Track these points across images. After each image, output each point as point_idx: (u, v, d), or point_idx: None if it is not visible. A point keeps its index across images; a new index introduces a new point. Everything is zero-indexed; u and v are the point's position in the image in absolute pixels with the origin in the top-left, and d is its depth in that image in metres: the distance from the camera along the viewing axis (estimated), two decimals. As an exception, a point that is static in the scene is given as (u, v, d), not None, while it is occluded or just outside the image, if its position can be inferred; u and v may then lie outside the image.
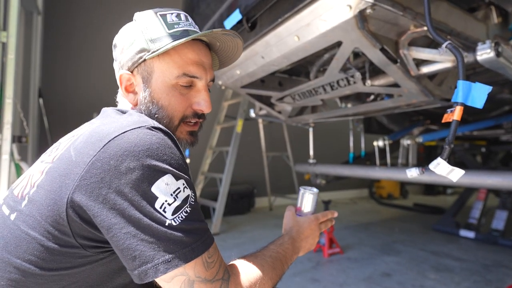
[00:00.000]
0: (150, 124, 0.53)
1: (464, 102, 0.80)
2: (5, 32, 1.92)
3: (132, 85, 0.65)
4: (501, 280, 1.97)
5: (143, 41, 0.61)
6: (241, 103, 3.55)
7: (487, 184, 1.70)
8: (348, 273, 2.12)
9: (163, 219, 0.48)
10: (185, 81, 0.62)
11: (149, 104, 0.63)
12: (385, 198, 5.38)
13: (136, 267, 0.47)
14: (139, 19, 0.64)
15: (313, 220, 0.76)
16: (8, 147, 1.88)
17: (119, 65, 0.66)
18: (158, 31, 0.61)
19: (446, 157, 0.81)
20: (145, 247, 0.47)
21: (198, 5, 1.79)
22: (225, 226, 3.42)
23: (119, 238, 0.47)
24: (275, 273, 0.59)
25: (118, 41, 0.66)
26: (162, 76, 0.62)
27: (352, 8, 1.01)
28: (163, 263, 0.46)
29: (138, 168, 0.48)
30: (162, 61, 0.61)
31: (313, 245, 0.76)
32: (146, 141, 0.50)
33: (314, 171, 2.74)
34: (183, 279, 0.48)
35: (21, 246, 0.51)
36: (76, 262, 0.52)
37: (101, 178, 0.48)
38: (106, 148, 0.49)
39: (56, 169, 0.52)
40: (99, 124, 0.55)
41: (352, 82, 1.54)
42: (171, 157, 0.51)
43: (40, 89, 3.03)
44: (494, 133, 2.72)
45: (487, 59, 1.02)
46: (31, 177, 0.57)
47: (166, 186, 0.49)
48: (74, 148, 0.53)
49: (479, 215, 3.01)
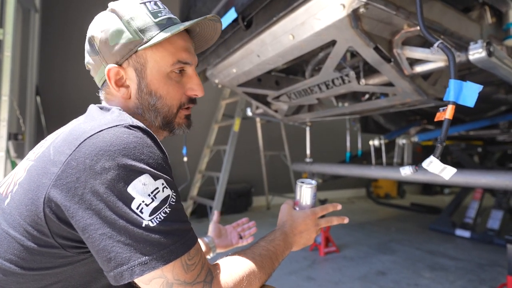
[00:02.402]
0: (128, 122, 0.52)
1: (455, 101, 0.81)
2: (2, 29, 1.92)
3: (121, 78, 0.62)
4: (495, 279, 1.99)
5: (132, 31, 0.58)
6: (239, 102, 3.56)
7: (482, 183, 1.71)
8: (344, 271, 2.12)
9: (140, 220, 0.46)
10: (178, 68, 0.62)
11: (146, 96, 0.62)
12: (382, 197, 5.39)
13: (112, 269, 0.46)
14: (119, 9, 0.60)
15: (309, 214, 0.72)
16: (4, 144, 1.88)
17: (101, 60, 0.61)
18: (145, 20, 0.59)
19: (439, 155, 0.82)
20: (121, 249, 0.45)
21: (195, 3, 1.80)
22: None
23: (94, 239, 0.46)
24: (263, 271, 0.58)
25: (96, 34, 0.60)
26: (157, 66, 0.60)
27: (346, 7, 1.01)
28: (139, 265, 0.45)
29: (114, 168, 0.47)
30: (156, 51, 0.60)
31: (310, 240, 0.72)
32: (122, 140, 0.49)
33: (311, 170, 2.75)
34: (161, 281, 0.47)
35: (1, 245, 0.51)
36: (56, 262, 0.51)
37: (77, 178, 0.47)
38: (81, 147, 0.48)
39: (36, 168, 0.52)
40: (79, 123, 0.55)
41: (347, 81, 1.55)
42: (149, 157, 0.50)
43: (37, 87, 3.02)
44: (490, 133, 2.73)
45: (479, 58, 1.03)
46: (15, 174, 0.57)
47: (144, 186, 0.47)
48: (53, 146, 0.52)
49: (475, 215, 3.03)
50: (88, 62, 0.65)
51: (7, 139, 1.89)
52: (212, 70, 1.91)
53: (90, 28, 0.62)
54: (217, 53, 1.68)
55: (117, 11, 0.60)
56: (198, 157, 3.92)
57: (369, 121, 3.21)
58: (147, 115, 0.63)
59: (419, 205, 4.40)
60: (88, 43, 0.62)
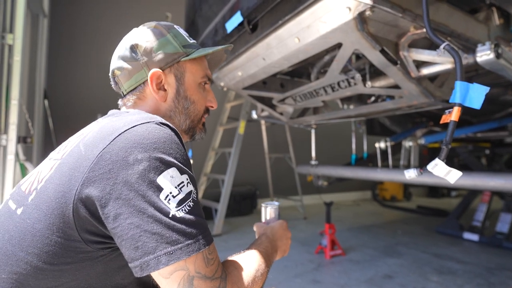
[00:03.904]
0: (158, 120, 0.56)
1: (461, 103, 0.81)
2: (12, 34, 1.96)
3: (161, 82, 0.68)
4: (504, 283, 1.95)
5: (177, 45, 0.69)
6: (244, 105, 3.57)
7: (490, 186, 1.69)
8: (350, 274, 2.11)
9: (167, 209, 0.48)
10: (204, 81, 0.74)
11: (182, 100, 0.70)
12: (388, 200, 5.35)
13: (138, 258, 0.47)
14: (162, 26, 0.71)
15: (282, 222, 0.80)
16: (14, 148, 1.90)
17: (143, 65, 0.67)
18: (185, 39, 0.71)
19: (444, 158, 0.82)
20: (148, 238, 0.47)
21: (200, 7, 1.81)
22: (227, 227, 3.43)
23: (123, 228, 0.47)
24: (264, 270, 0.60)
25: (141, 42, 0.68)
26: (192, 76, 0.71)
27: (352, 10, 1.01)
28: (165, 255, 0.47)
29: (146, 159, 0.49)
30: (192, 64, 0.71)
31: (287, 246, 0.78)
32: (154, 135, 0.52)
33: (316, 173, 2.74)
34: (183, 274, 0.48)
35: (25, 239, 0.52)
36: (77, 258, 0.52)
37: (109, 169, 0.49)
38: (116, 141, 0.51)
39: (66, 164, 0.54)
40: (108, 121, 0.58)
41: (352, 84, 1.55)
42: (177, 152, 0.53)
43: (46, 91, 3.06)
44: (498, 135, 2.70)
45: (487, 60, 1.02)
46: (39, 173, 0.59)
47: (172, 179, 0.50)
48: (84, 143, 0.55)
49: (483, 218, 2.99)
50: (120, 67, 0.69)
51: (16, 142, 1.91)
52: (217, 73, 1.92)
53: (131, 37, 0.70)
54: (222, 56, 1.69)
55: (161, 28, 0.70)
56: (203, 159, 3.93)
57: (375, 124, 3.20)
58: (177, 118, 0.71)
59: (426, 208, 4.35)
60: (130, 50, 0.68)
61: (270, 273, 0.68)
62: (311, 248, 2.66)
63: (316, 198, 4.74)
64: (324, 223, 2.56)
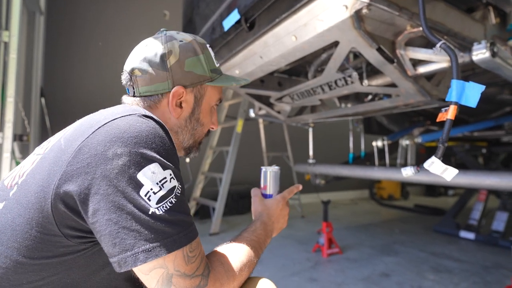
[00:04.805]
0: (141, 112, 0.54)
1: (458, 101, 0.81)
2: (7, 31, 1.95)
3: (180, 99, 0.68)
4: (500, 281, 1.97)
5: (206, 68, 0.69)
6: (242, 103, 3.56)
7: (486, 184, 1.70)
8: (347, 273, 2.12)
9: (147, 207, 0.47)
10: (216, 105, 0.75)
11: (194, 121, 0.71)
12: (385, 199, 5.36)
13: (116, 254, 0.47)
14: (197, 44, 0.69)
15: (280, 200, 0.79)
16: (10, 145, 1.90)
17: (169, 77, 0.65)
18: (213, 63, 0.72)
19: (440, 156, 0.82)
20: (126, 235, 0.46)
21: (198, 5, 1.81)
22: (225, 226, 3.43)
23: (101, 224, 0.47)
24: (251, 262, 0.60)
25: (174, 55, 0.65)
26: (209, 99, 0.72)
27: (348, 8, 1.01)
28: (143, 252, 0.46)
29: (126, 154, 0.48)
30: (212, 88, 0.72)
31: (285, 222, 0.79)
32: (136, 128, 0.50)
33: (313, 171, 2.74)
34: (162, 272, 0.47)
35: (5, 233, 0.51)
36: (57, 252, 0.51)
37: (87, 163, 0.48)
38: (95, 135, 0.50)
39: (46, 159, 0.53)
40: (91, 115, 0.57)
41: (349, 82, 1.55)
42: (160, 146, 0.51)
43: (42, 89, 3.05)
44: (495, 134, 2.71)
45: (483, 59, 1.03)
46: (21, 168, 0.58)
47: (153, 175, 0.49)
48: (65, 137, 0.54)
49: (480, 216, 3.00)
50: (144, 69, 0.65)
51: (12, 140, 1.91)
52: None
53: (164, 44, 0.66)
54: (220, 54, 1.69)
55: (196, 45, 0.69)
56: (201, 158, 3.93)
57: (372, 122, 3.20)
58: (182, 135, 0.71)
59: (423, 207, 4.37)
60: (160, 58, 0.65)
61: (267, 271, 0.68)
62: (308, 247, 2.67)
63: (313, 197, 4.75)
64: (321, 221, 2.57)
